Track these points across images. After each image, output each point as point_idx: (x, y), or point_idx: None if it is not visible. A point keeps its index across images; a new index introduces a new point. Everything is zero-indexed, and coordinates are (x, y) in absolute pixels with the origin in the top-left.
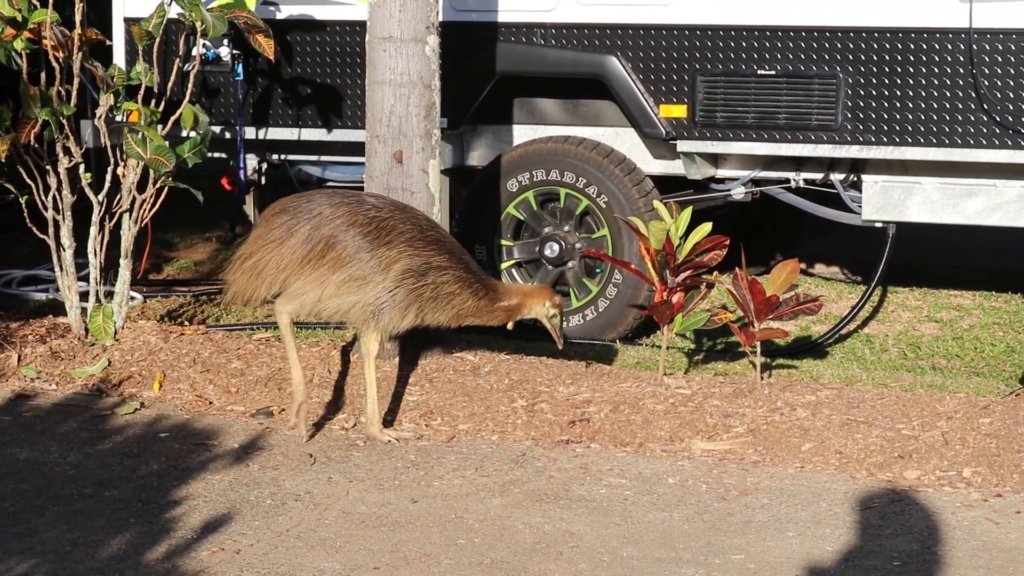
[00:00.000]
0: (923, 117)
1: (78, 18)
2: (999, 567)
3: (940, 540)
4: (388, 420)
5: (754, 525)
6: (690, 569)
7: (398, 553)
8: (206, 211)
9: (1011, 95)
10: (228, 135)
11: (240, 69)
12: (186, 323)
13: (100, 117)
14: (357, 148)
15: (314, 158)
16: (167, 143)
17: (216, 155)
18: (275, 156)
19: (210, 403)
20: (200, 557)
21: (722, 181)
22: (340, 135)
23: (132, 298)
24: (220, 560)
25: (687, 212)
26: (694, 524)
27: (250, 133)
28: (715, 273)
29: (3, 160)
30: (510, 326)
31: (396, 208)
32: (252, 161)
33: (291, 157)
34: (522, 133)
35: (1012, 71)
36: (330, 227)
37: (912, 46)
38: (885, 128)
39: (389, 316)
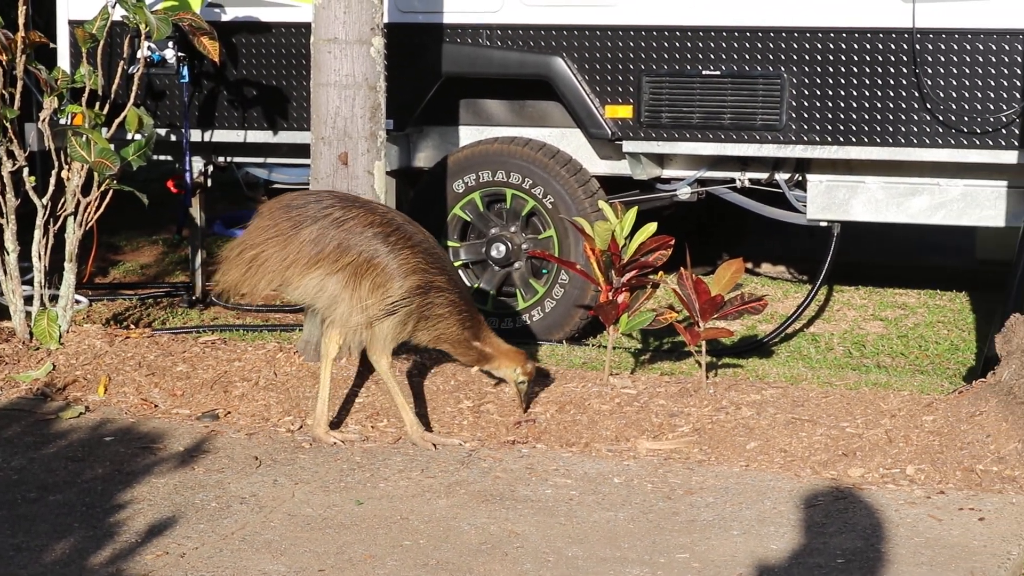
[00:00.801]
0: (867, 117)
1: (21, 20)
2: (941, 564)
3: (883, 537)
4: (335, 422)
5: (699, 524)
6: (635, 568)
7: (343, 555)
8: (153, 214)
9: (953, 95)
10: (174, 138)
11: (185, 71)
12: (132, 326)
13: (44, 120)
14: (303, 150)
15: (260, 160)
16: (112, 146)
17: (162, 158)
18: (221, 158)
19: (155, 406)
20: (145, 561)
21: (668, 181)
22: (286, 137)
23: (78, 302)
24: (165, 564)
25: (632, 212)
26: (639, 523)
27: (196, 135)
28: (660, 273)
29: None
30: (474, 370)
31: (406, 218)
32: (198, 164)
33: (237, 159)
34: (468, 134)
35: (954, 71)
36: (344, 228)
37: (856, 46)
38: (829, 128)
39: (398, 320)
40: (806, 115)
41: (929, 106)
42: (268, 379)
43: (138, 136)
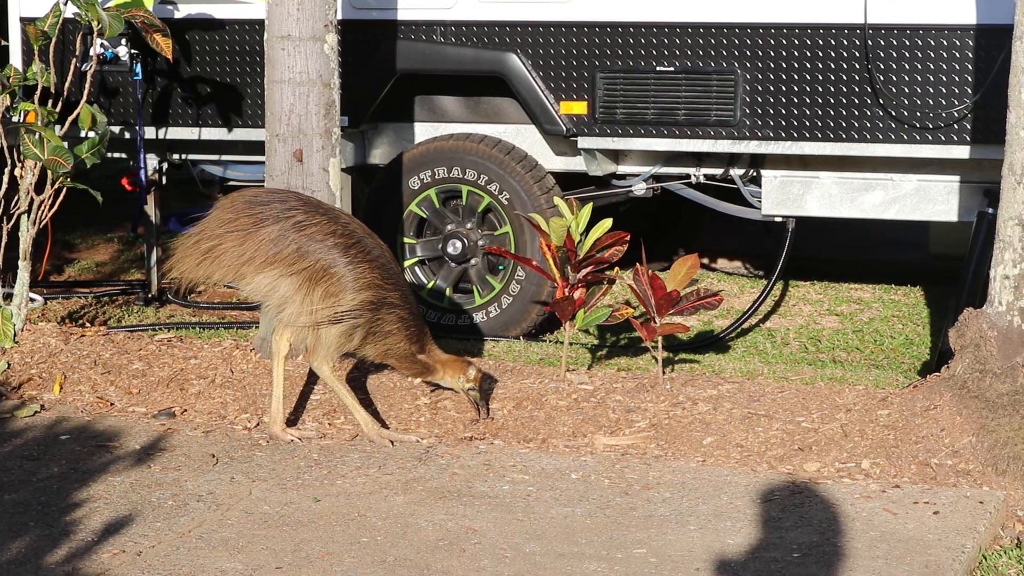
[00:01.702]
0: (820, 112)
1: None
2: (897, 557)
3: (839, 532)
4: (291, 419)
5: (656, 519)
6: (592, 564)
7: (301, 552)
8: (108, 212)
9: (906, 90)
10: (128, 135)
11: (139, 69)
12: (87, 324)
13: None
14: (258, 147)
15: (215, 157)
16: (65, 144)
17: (116, 155)
18: (176, 156)
19: (111, 404)
20: (101, 559)
21: (624, 177)
22: (241, 134)
23: (32, 300)
24: (121, 562)
25: (587, 208)
26: (596, 519)
27: (150, 133)
28: (616, 269)
29: None
30: (417, 381)
31: (366, 231)
32: (152, 161)
33: (192, 156)
34: (424, 131)
35: (907, 66)
36: (305, 234)
37: (808, 42)
38: (783, 123)
39: (343, 329)
40: (760, 111)
41: (882, 101)
42: (225, 377)
43: (92, 134)
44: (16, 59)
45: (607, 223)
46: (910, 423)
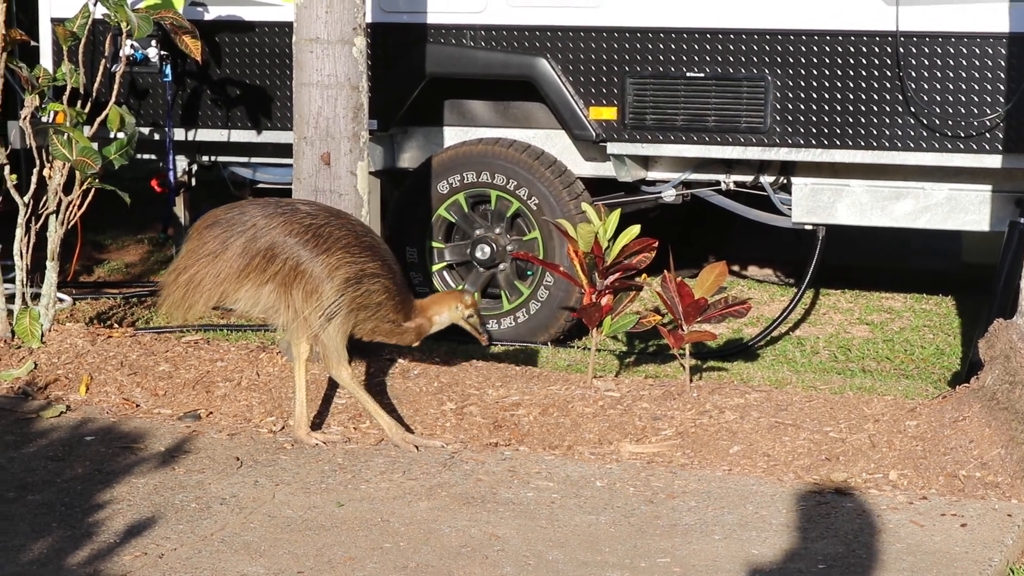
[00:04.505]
0: (851, 120)
1: (2, 18)
2: (923, 569)
3: (865, 543)
4: (316, 423)
5: (680, 528)
6: (615, 572)
7: (323, 557)
8: (138, 213)
9: (937, 98)
10: (157, 136)
11: (168, 70)
12: (115, 325)
13: (25, 118)
14: (287, 149)
15: (244, 159)
16: (94, 145)
17: (145, 157)
18: (205, 158)
19: (137, 406)
20: (123, 561)
21: (653, 183)
22: (270, 136)
23: (61, 300)
24: (143, 564)
25: (615, 214)
26: (621, 527)
27: (179, 134)
28: (644, 275)
29: None
30: (416, 344)
31: (331, 215)
32: (182, 163)
33: (221, 158)
34: (453, 135)
35: (938, 74)
36: (267, 238)
37: (840, 49)
38: (813, 131)
39: (338, 323)
40: (790, 118)
41: (913, 109)
42: (251, 379)
43: (120, 135)
44: (46, 60)
45: (635, 229)
46: (939, 434)
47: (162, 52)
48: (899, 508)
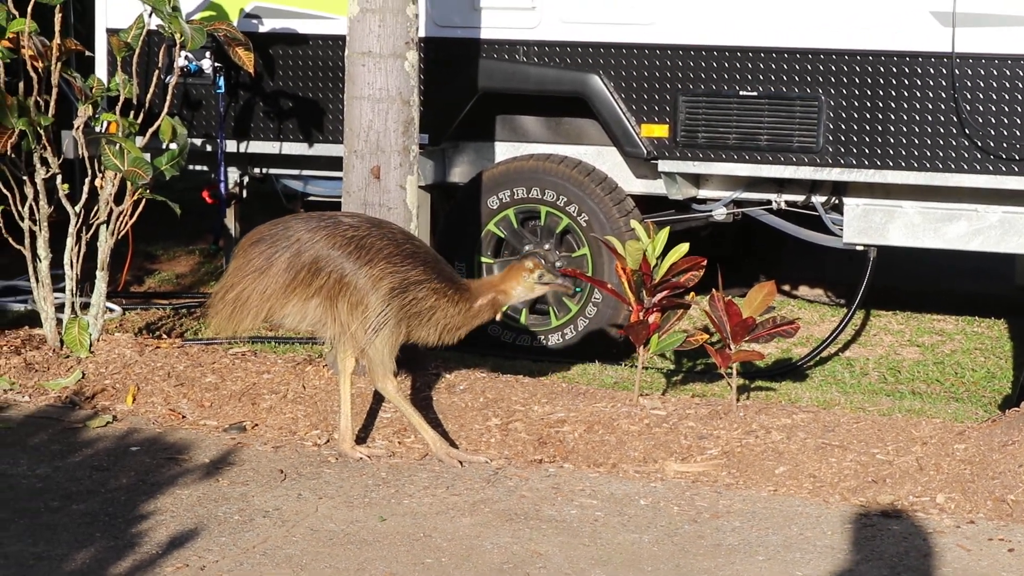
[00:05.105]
0: (904, 141)
1: (57, 28)
2: None
3: (911, 566)
4: (361, 437)
5: (724, 548)
6: None
7: (364, 571)
8: (190, 225)
9: (992, 120)
10: (209, 148)
11: (221, 82)
12: (164, 336)
13: (78, 128)
14: (338, 163)
15: (296, 172)
16: (146, 156)
17: (197, 168)
18: (256, 170)
19: (183, 417)
20: (164, 573)
21: (704, 202)
22: (321, 149)
23: (111, 310)
24: None
25: (664, 232)
26: (664, 546)
27: (231, 146)
28: (692, 294)
29: None
30: (498, 317)
31: (372, 225)
32: (233, 174)
33: (272, 171)
34: (504, 150)
35: (993, 96)
36: (311, 252)
37: (894, 69)
38: (867, 151)
39: (385, 335)
40: (843, 138)
41: (967, 131)
42: (296, 392)
43: (172, 145)
44: (101, 70)
45: (684, 247)
46: (987, 458)
47: (216, 64)
48: (946, 532)
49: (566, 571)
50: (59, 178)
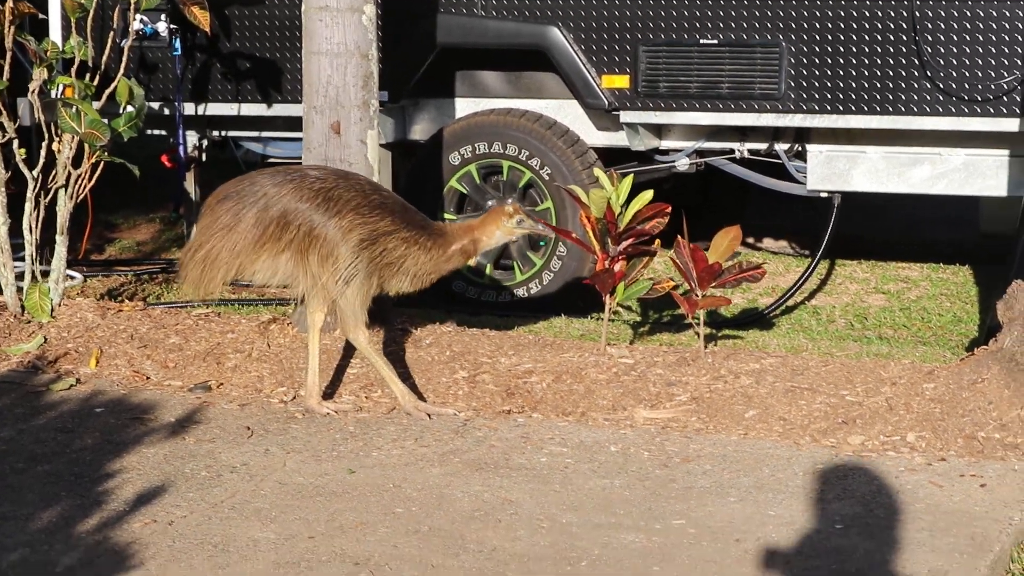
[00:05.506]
0: (867, 85)
1: None
2: (942, 529)
3: (883, 503)
4: (328, 393)
5: (696, 491)
6: (630, 535)
7: (334, 522)
8: (150, 193)
9: (954, 61)
10: (167, 111)
11: (178, 44)
12: (126, 301)
13: (34, 91)
14: (298, 123)
15: (254, 134)
16: (104, 121)
17: (156, 133)
18: (216, 132)
19: (147, 378)
20: (132, 529)
21: (667, 153)
22: (280, 110)
23: (72, 277)
24: (152, 531)
25: (628, 180)
26: (635, 491)
27: (189, 109)
28: (657, 242)
29: None
30: (472, 262)
31: (339, 177)
32: (192, 138)
33: (232, 133)
34: (464, 106)
35: (955, 37)
36: (279, 206)
37: (855, 13)
38: (829, 96)
39: (356, 286)
40: (805, 84)
41: (930, 74)
42: (261, 350)
43: (129, 108)
44: (55, 33)
45: (648, 195)
46: (957, 396)
47: (172, 26)
48: (917, 470)
49: (538, 517)
50: (15, 143)
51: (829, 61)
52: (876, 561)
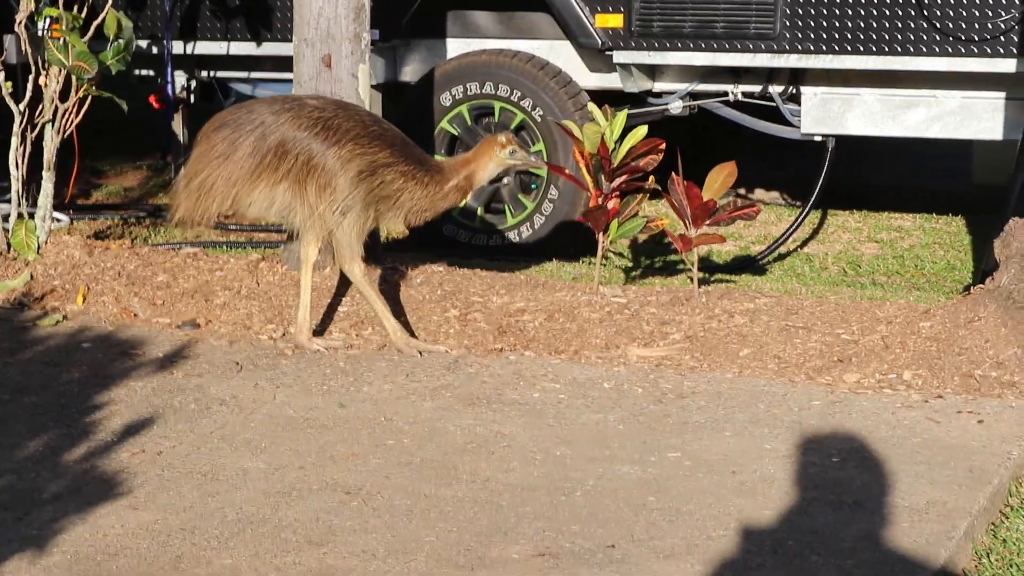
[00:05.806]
0: (863, 25)
1: None
2: (940, 463)
3: (880, 438)
4: (319, 330)
5: (691, 426)
6: (625, 467)
7: (325, 453)
8: (138, 139)
9: (951, 1)
10: (155, 50)
11: None
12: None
13: (20, 23)
14: (288, 63)
15: (244, 75)
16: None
17: (144, 72)
18: (204, 72)
19: (135, 315)
20: (120, 458)
21: (660, 96)
22: (270, 48)
23: (58, 220)
24: (140, 461)
25: (622, 115)
26: (630, 425)
27: (178, 48)
28: (651, 178)
29: None
30: (469, 198)
31: (339, 107)
32: (180, 78)
33: (221, 74)
34: (456, 47)
35: None
36: (277, 134)
37: None
38: (824, 36)
39: (353, 217)
40: (801, 23)
41: (926, 13)
42: (250, 288)
43: (118, 41)
44: None
45: (642, 130)
46: (953, 334)
47: None
48: (914, 406)
49: (531, 449)
50: (1, 76)
51: (825, 0)
52: (874, 493)
